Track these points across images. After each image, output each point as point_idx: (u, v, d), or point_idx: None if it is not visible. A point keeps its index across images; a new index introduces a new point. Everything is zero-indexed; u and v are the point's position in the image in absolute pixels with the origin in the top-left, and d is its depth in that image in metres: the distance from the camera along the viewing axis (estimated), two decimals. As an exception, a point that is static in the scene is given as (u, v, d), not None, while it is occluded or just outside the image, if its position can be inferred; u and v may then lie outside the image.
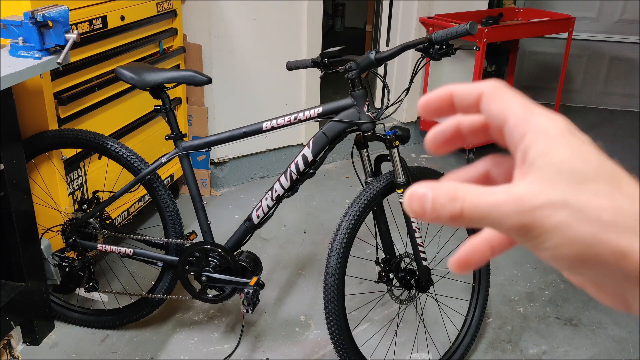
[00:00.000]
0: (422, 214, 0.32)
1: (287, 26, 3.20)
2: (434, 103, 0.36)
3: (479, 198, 0.31)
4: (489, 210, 0.31)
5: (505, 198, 0.31)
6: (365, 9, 5.14)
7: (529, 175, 0.31)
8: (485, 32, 3.31)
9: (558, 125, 0.32)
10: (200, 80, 1.86)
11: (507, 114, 0.33)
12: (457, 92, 0.35)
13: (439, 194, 0.32)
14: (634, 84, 4.76)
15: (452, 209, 0.31)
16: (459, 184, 0.32)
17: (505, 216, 0.31)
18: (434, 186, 0.32)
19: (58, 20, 1.73)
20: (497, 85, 0.34)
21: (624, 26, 4.61)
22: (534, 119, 0.33)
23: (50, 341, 2.13)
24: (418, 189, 0.32)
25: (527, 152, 0.32)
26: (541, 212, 0.30)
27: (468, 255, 0.36)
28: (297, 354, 2.12)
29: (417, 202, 0.32)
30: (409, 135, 1.85)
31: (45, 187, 2.08)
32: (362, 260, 2.33)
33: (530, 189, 0.31)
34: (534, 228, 0.30)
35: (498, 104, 0.34)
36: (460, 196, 0.31)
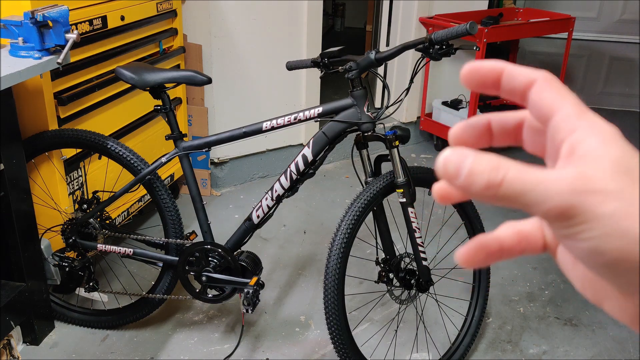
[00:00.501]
0: (455, 177, 0.30)
1: (287, 26, 3.20)
2: (483, 73, 0.34)
3: (524, 172, 0.29)
4: (534, 185, 0.29)
5: (556, 176, 0.29)
6: (365, 9, 5.14)
7: (582, 165, 0.30)
8: (485, 32, 3.31)
9: (610, 128, 0.31)
10: (200, 80, 1.86)
11: (560, 106, 0.32)
12: (510, 70, 0.34)
13: (479, 161, 0.30)
14: (634, 84, 4.76)
15: (491, 177, 0.29)
16: (502, 157, 0.30)
17: (554, 192, 0.29)
18: (475, 153, 0.30)
19: (58, 20, 1.73)
20: (552, 77, 0.33)
21: (624, 26, 4.61)
22: (587, 116, 0.31)
23: (50, 341, 2.13)
24: (455, 153, 0.30)
25: (578, 145, 0.30)
26: (594, 197, 0.28)
27: (477, 251, 0.34)
28: (297, 354, 2.12)
29: (454, 164, 0.30)
30: (409, 135, 1.85)
31: (45, 187, 2.08)
32: (362, 260, 2.33)
33: (586, 172, 0.29)
34: (582, 212, 0.28)
35: (552, 94, 0.32)
36: (503, 167, 0.29)
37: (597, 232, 0.28)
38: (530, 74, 0.33)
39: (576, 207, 0.28)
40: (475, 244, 0.34)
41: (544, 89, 0.33)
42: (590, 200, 0.28)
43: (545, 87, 0.33)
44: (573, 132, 0.31)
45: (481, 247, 0.34)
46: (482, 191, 0.29)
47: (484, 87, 0.35)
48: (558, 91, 0.32)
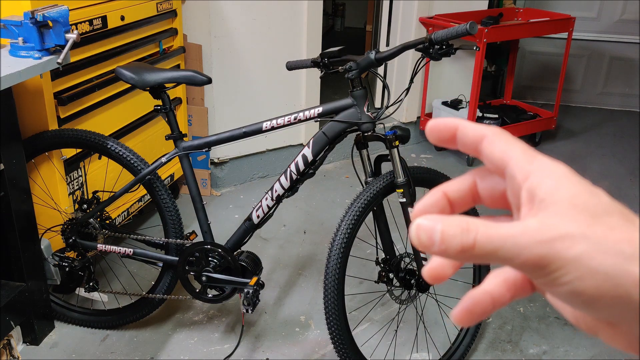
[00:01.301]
0: (429, 245, 0.31)
1: (287, 26, 3.20)
2: (439, 129, 0.37)
3: (492, 230, 0.31)
4: (504, 241, 0.31)
5: (521, 230, 0.31)
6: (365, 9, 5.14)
7: (542, 212, 0.31)
8: (485, 32, 3.31)
9: (561, 167, 0.33)
10: (200, 80, 1.86)
11: (510, 156, 0.34)
12: (462, 128, 0.36)
13: (449, 226, 0.31)
14: (634, 84, 4.76)
15: (463, 240, 0.31)
16: (469, 217, 0.32)
17: (522, 247, 0.30)
18: (443, 218, 0.32)
19: (58, 20, 1.73)
20: (501, 131, 0.35)
21: (624, 26, 4.61)
22: (536, 160, 0.33)
23: (50, 341, 2.13)
24: (425, 221, 0.32)
25: (535, 191, 0.32)
26: (561, 243, 0.30)
27: (471, 307, 0.36)
28: (297, 354, 2.12)
29: (425, 234, 0.31)
30: (409, 135, 1.85)
31: (45, 187, 2.08)
32: (362, 260, 2.33)
33: (547, 221, 0.31)
34: (554, 260, 0.30)
35: (501, 147, 0.34)
36: (473, 228, 0.31)
37: (570, 276, 0.30)
38: (480, 130, 0.35)
39: (546, 256, 0.30)
40: (468, 302, 0.36)
41: (493, 142, 0.35)
42: (558, 247, 0.30)
43: (494, 140, 0.35)
44: (527, 177, 0.33)
45: (474, 304, 0.36)
46: (457, 255, 0.31)
47: (443, 142, 0.37)
48: (507, 142, 0.34)
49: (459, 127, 0.36)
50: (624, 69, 4.75)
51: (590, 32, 4.66)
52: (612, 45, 4.69)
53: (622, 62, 4.73)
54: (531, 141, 4.01)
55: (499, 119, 3.80)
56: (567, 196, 0.31)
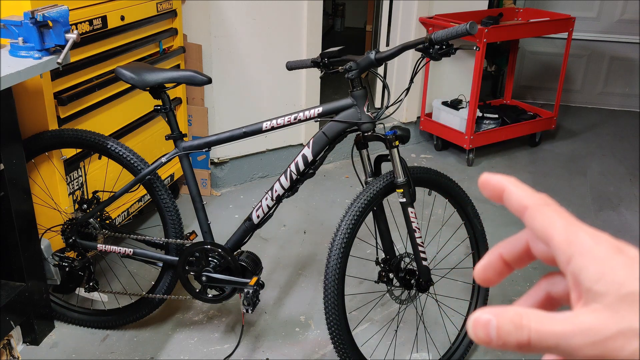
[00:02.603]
0: (487, 341, 0.32)
1: (287, 26, 3.20)
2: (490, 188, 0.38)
3: (545, 326, 0.31)
4: (557, 340, 0.31)
5: (572, 328, 0.31)
6: (365, 9, 5.14)
7: (591, 304, 0.31)
8: (485, 32, 3.31)
9: (605, 245, 0.32)
10: (200, 80, 1.86)
11: (551, 234, 0.33)
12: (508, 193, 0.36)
13: (504, 321, 0.32)
14: (634, 84, 4.76)
15: (518, 338, 0.31)
16: (522, 310, 0.32)
17: (576, 348, 0.30)
18: (498, 312, 0.32)
19: (58, 20, 1.73)
20: (543, 202, 0.35)
21: (624, 26, 4.61)
22: (578, 240, 0.32)
23: (50, 341, 2.13)
24: (482, 316, 0.32)
25: (579, 276, 0.32)
26: (614, 343, 0.30)
27: None
28: (297, 354, 2.12)
29: (482, 330, 0.32)
30: (409, 135, 1.85)
31: (45, 187, 2.08)
32: (362, 260, 2.33)
33: (597, 319, 0.30)
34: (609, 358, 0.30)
35: (541, 222, 0.34)
36: (525, 324, 0.31)
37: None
38: (522, 200, 0.36)
39: (602, 356, 0.30)
40: None
41: (534, 217, 0.35)
42: (610, 348, 0.30)
43: (535, 216, 0.35)
44: (570, 261, 0.32)
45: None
46: (516, 350, 0.32)
47: (493, 199, 0.38)
48: (547, 218, 0.34)
49: (505, 191, 0.37)
50: (624, 69, 4.75)
51: (590, 32, 4.66)
52: (612, 45, 4.69)
53: (622, 62, 4.73)
54: (531, 141, 4.01)
55: (499, 119, 3.80)
56: (614, 285, 0.31)
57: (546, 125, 3.98)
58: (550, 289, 0.39)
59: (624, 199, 3.36)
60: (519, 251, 0.39)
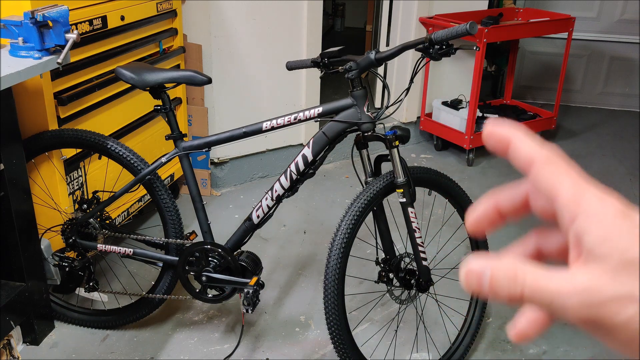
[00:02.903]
0: (479, 290, 0.32)
1: (287, 26, 3.20)
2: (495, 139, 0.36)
3: (540, 282, 0.31)
4: (551, 298, 0.30)
5: (568, 288, 0.30)
6: (365, 9, 5.14)
7: (590, 265, 0.30)
8: (485, 32, 3.31)
9: (611, 208, 0.31)
10: (200, 80, 1.86)
11: (558, 190, 0.32)
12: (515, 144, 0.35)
13: (498, 273, 0.31)
14: (634, 84, 4.76)
15: (511, 291, 0.31)
16: (518, 263, 0.31)
17: (569, 308, 0.30)
18: (493, 264, 0.31)
19: (58, 20, 1.73)
20: (551, 156, 0.34)
21: (624, 26, 4.61)
22: (584, 200, 0.32)
23: (50, 341, 2.13)
24: (475, 265, 0.32)
25: (582, 237, 0.31)
26: (609, 307, 0.29)
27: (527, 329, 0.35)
28: (297, 354, 2.12)
29: (475, 279, 0.31)
30: (409, 135, 1.85)
31: (45, 187, 2.08)
32: (362, 260, 2.33)
33: (594, 281, 0.30)
34: (602, 323, 0.30)
35: (548, 177, 0.33)
36: (520, 277, 0.31)
37: (620, 339, 0.30)
38: (530, 153, 0.34)
39: (594, 319, 0.30)
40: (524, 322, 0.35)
41: (541, 172, 0.33)
42: (605, 311, 0.29)
43: (542, 170, 0.33)
44: (574, 220, 0.31)
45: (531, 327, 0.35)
46: (506, 302, 0.31)
47: (498, 151, 0.36)
48: (556, 173, 0.33)
49: (512, 142, 0.35)
50: (624, 69, 4.74)
51: (590, 32, 4.66)
52: (612, 45, 4.69)
53: (622, 62, 4.73)
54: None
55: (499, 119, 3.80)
56: (617, 250, 0.30)
57: (546, 125, 3.98)
58: (541, 244, 0.38)
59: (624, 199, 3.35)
60: (517, 203, 0.38)
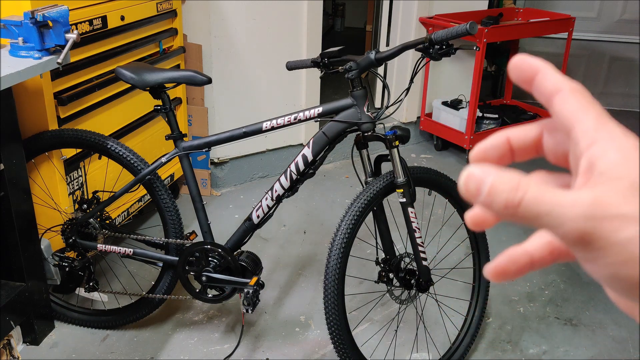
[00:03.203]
0: (476, 195, 0.30)
1: (287, 26, 3.20)
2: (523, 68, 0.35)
3: (542, 193, 0.29)
4: (551, 207, 0.29)
5: (572, 200, 0.29)
6: (365, 9, 5.14)
7: (600, 186, 0.29)
8: (485, 32, 3.31)
9: (631, 141, 0.30)
10: (200, 80, 1.86)
11: (581, 118, 0.32)
12: (543, 73, 0.34)
13: (500, 180, 0.30)
14: (634, 84, 4.76)
15: (509, 198, 0.29)
16: (522, 176, 0.30)
17: (569, 218, 0.28)
18: (497, 171, 0.30)
19: (58, 20, 1.73)
20: (579, 88, 0.33)
21: (624, 26, 4.61)
22: (606, 128, 0.31)
23: (50, 341, 2.13)
24: (478, 170, 0.30)
25: (596, 161, 0.30)
26: (610, 223, 0.28)
27: (506, 264, 0.34)
28: (297, 354, 2.12)
29: (474, 183, 0.30)
30: (409, 135, 1.85)
31: (45, 187, 2.08)
32: (362, 260, 2.33)
33: (602, 197, 0.28)
34: (598, 239, 0.28)
35: (573, 106, 0.32)
36: (523, 187, 0.30)
37: (613, 259, 0.28)
38: (558, 82, 0.33)
39: (591, 234, 0.28)
40: (506, 258, 0.34)
41: (566, 100, 0.32)
42: (606, 227, 0.28)
43: (568, 98, 0.32)
44: (591, 145, 0.30)
45: (511, 261, 0.34)
46: (501, 210, 0.30)
47: (522, 82, 0.35)
48: (581, 102, 0.32)
49: (540, 71, 0.34)
50: (624, 69, 4.74)
51: (590, 32, 4.66)
52: (612, 45, 4.69)
53: (622, 62, 4.73)
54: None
55: (499, 119, 3.80)
56: (630, 175, 0.29)
57: (546, 125, 3.97)
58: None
59: None
60: (529, 140, 0.36)
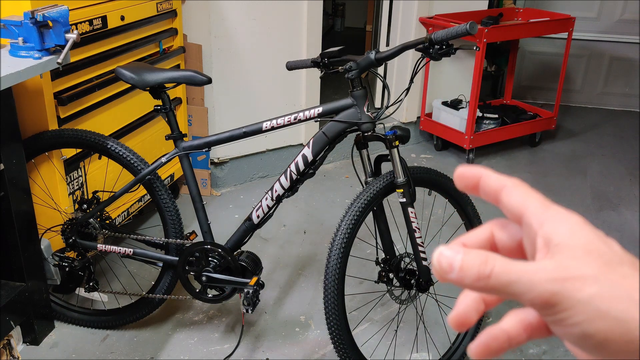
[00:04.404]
0: (449, 271, 0.33)
1: (287, 26, 3.20)
2: (466, 177, 0.40)
3: (509, 264, 0.33)
4: (519, 276, 0.32)
5: (537, 268, 0.32)
6: (365, 9, 5.14)
7: (559, 254, 0.33)
8: (485, 32, 3.31)
9: (575, 216, 0.34)
10: (200, 80, 1.86)
11: (527, 204, 0.36)
12: (485, 177, 0.39)
13: (469, 257, 0.33)
14: (634, 84, 4.76)
15: (480, 270, 0.33)
16: (490, 252, 0.34)
17: (535, 283, 0.32)
18: (466, 250, 0.34)
19: (58, 20, 1.73)
20: (520, 182, 0.37)
21: (624, 26, 4.61)
22: (551, 209, 0.35)
23: (50, 341, 2.13)
24: (447, 251, 0.34)
25: (551, 236, 0.33)
26: (573, 284, 0.31)
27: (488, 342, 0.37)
28: (297, 354, 2.12)
29: (446, 260, 0.33)
30: (409, 135, 1.85)
31: (45, 187, 2.08)
32: (362, 260, 2.33)
33: (563, 262, 0.32)
34: (564, 300, 0.31)
35: (518, 196, 0.36)
36: (491, 261, 0.33)
37: (580, 317, 0.31)
38: (500, 180, 0.38)
39: (557, 295, 0.31)
40: (486, 338, 0.37)
41: (512, 193, 0.37)
42: (570, 287, 0.31)
43: (512, 191, 0.37)
44: (543, 224, 0.34)
45: (492, 340, 0.37)
46: (473, 283, 0.33)
47: (469, 189, 0.40)
48: (524, 192, 0.36)
49: (482, 176, 0.39)
50: (624, 69, 4.74)
51: (590, 32, 4.66)
52: (612, 45, 4.69)
53: (622, 62, 4.73)
54: (531, 141, 4.01)
55: (499, 119, 3.80)
56: (582, 242, 0.32)
57: (546, 125, 3.98)
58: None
59: (624, 199, 3.36)
60: (483, 242, 0.40)
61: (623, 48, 4.67)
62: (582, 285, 0.31)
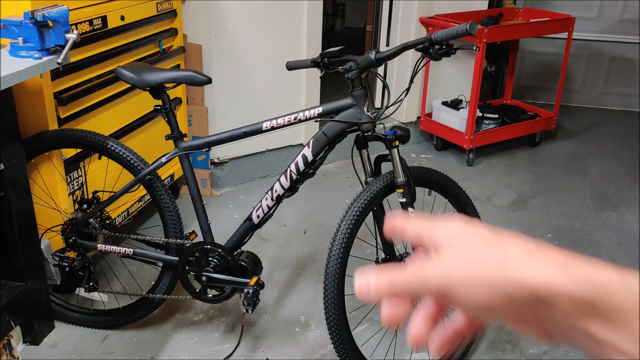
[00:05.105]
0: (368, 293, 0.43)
1: (287, 26, 3.20)
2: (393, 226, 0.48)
3: (413, 269, 0.42)
4: (415, 278, 0.41)
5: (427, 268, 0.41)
6: (365, 9, 5.14)
7: (442, 254, 0.42)
8: (485, 32, 3.31)
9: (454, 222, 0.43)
10: (200, 80, 1.86)
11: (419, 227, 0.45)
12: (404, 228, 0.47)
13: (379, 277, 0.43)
14: (634, 84, 4.76)
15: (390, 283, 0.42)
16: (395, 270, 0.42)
17: (429, 280, 0.41)
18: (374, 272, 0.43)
19: (58, 20, 1.73)
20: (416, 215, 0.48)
21: (624, 26, 4.61)
22: (438, 223, 0.44)
23: (50, 341, 2.13)
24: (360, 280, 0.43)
25: (438, 242, 0.42)
26: (451, 272, 0.40)
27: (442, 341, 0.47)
28: (297, 354, 2.12)
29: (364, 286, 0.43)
30: (409, 135, 1.85)
31: (45, 187, 2.08)
32: (362, 260, 2.33)
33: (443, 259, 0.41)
34: (450, 287, 0.39)
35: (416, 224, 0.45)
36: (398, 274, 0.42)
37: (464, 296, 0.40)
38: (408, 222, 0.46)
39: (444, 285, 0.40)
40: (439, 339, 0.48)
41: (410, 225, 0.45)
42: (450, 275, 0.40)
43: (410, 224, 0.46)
44: (431, 235, 0.43)
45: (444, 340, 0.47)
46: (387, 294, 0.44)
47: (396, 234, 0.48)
48: (415, 223, 0.45)
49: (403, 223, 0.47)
50: (624, 69, 4.74)
51: (590, 32, 4.66)
52: (612, 45, 4.68)
53: (622, 62, 4.73)
54: (531, 141, 4.01)
55: (499, 119, 3.80)
56: (461, 241, 0.41)
57: (546, 125, 3.98)
58: None
59: (624, 199, 3.36)
60: None
61: (623, 48, 4.67)
62: (458, 270, 0.39)
